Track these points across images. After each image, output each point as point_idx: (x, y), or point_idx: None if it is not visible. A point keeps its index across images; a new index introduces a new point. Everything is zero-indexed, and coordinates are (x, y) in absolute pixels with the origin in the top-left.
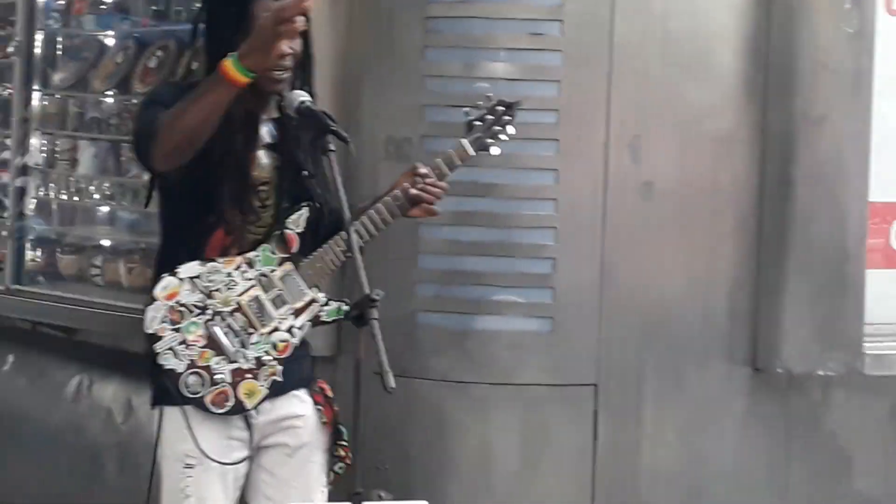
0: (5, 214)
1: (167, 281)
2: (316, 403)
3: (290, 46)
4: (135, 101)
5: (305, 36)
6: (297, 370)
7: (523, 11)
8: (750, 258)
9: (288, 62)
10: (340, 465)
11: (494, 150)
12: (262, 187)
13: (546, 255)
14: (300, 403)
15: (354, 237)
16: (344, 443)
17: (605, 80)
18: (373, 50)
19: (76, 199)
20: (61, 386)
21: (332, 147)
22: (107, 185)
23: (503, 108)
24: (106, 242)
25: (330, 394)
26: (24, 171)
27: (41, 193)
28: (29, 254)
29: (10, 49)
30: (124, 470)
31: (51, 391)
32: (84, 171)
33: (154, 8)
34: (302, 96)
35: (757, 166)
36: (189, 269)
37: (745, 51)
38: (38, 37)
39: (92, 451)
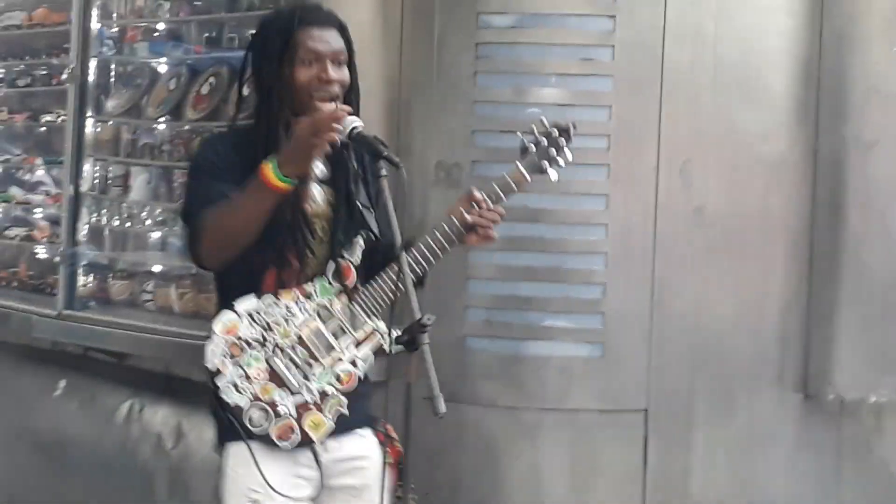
0: (58, 240)
1: (226, 317)
2: (381, 443)
3: (337, 79)
4: (187, 127)
5: (350, 66)
6: (361, 408)
7: (574, 37)
8: (801, 283)
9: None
10: None
11: (552, 175)
12: (316, 220)
13: (596, 281)
14: (366, 443)
15: (405, 261)
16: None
17: (656, 104)
18: (424, 75)
19: (128, 224)
20: (112, 411)
21: (384, 172)
22: (158, 210)
23: (559, 133)
24: (157, 268)
25: (394, 434)
26: (77, 197)
27: (94, 219)
28: (81, 279)
29: (64, 76)
30: (174, 495)
31: (102, 416)
32: (136, 197)
33: (207, 35)
34: (354, 122)
35: (808, 191)
36: (246, 303)
37: (797, 75)
38: (92, 64)
39: (142, 476)
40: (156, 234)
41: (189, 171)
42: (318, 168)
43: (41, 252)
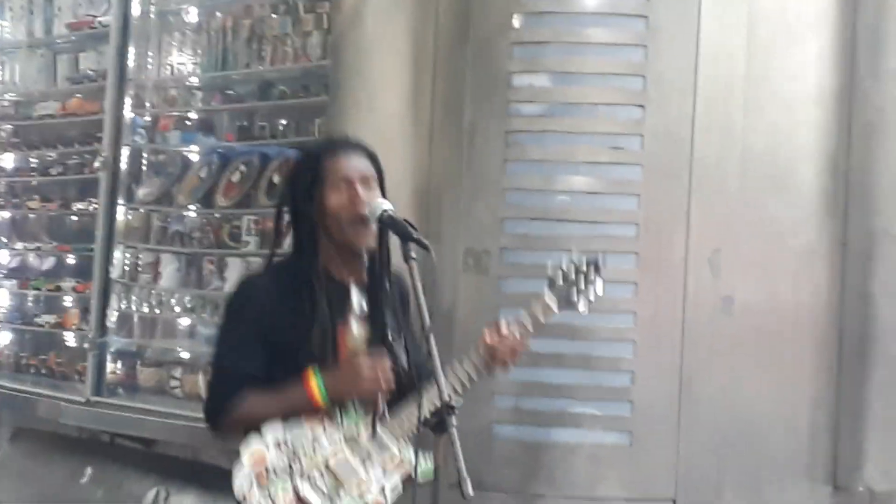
0: (87, 327)
1: (253, 446)
2: None
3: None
4: (217, 214)
5: (382, 190)
6: None
7: (603, 125)
8: (831, 374)
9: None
10: None
11: (582, 308)
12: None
13: (625, 368)
14: None
15: (433, 342)
16: None
17: (685, 194)
18: (454, 163)
19: (157, 311)
20: (139, 498)
21: (413, 255)
22: (188, 298)
23: (587, 265)
24: (185, 355)
25: None
26: (107, 283)
27: (123, 306)
28: (109, 366)
29: (97, 164)
30: None
31: (128, 503)
32: (166, 284)
33: (238, 124)
34: (384, 205)
35: (838, 282)
36: (273, 430)
37: (826, 166)
38: (124, 152)
39: None
40: (185, 321)
41: (224, 316)
42: (358, 304)
43: (70, 339)
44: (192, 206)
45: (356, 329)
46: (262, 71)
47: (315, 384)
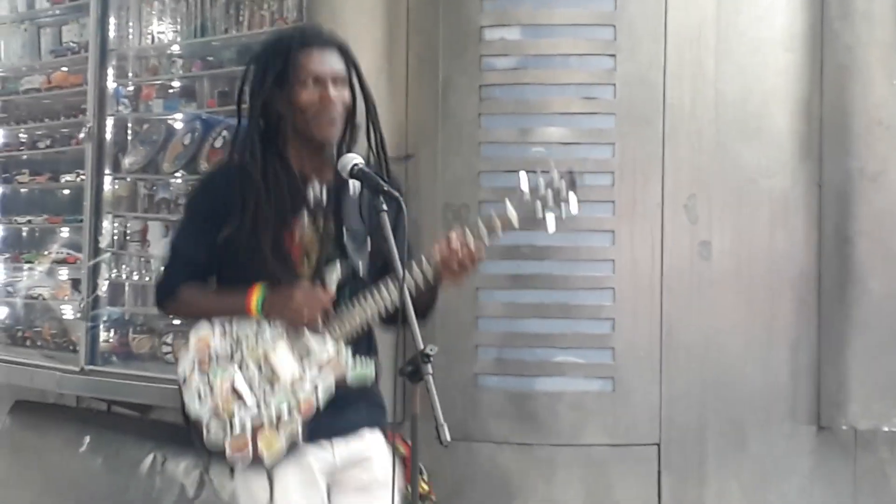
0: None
1: (201, 331)
2: (391, 441)
3: (339, 100)
4: None
5: (361, 84)
6: (368, 409)
7: (576, 76)
8: (810, 315)
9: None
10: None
11: (551, 227)
12: (302, 249)
13: (605, 316)
14: (374, 441)
15: (407, 294)
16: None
17: (658, 141)
18: (430, 119)
19: (147, 279)
20: (136, 464)
21: (384, 207)
22: None
23: (562, 180)
24: (177, 321)
25: (405, 438)
26: (96, 254)
27: (114, 275)
28: (103, 335)
29: (82, 135)
30: None
31: (126, 469)
32: (155, 251)
33: (219, 90)
34: (355, 159)
35: (814, 223)
36: (221, 318)
37: (798, 110)
38: (109, 122)
39: None
40: None
41: (186, 205)
42: (314, 198)
43: (64, 310)
44: (177, 174)
45: (307, 223)
46: (239, 36)
47: (256, 297)
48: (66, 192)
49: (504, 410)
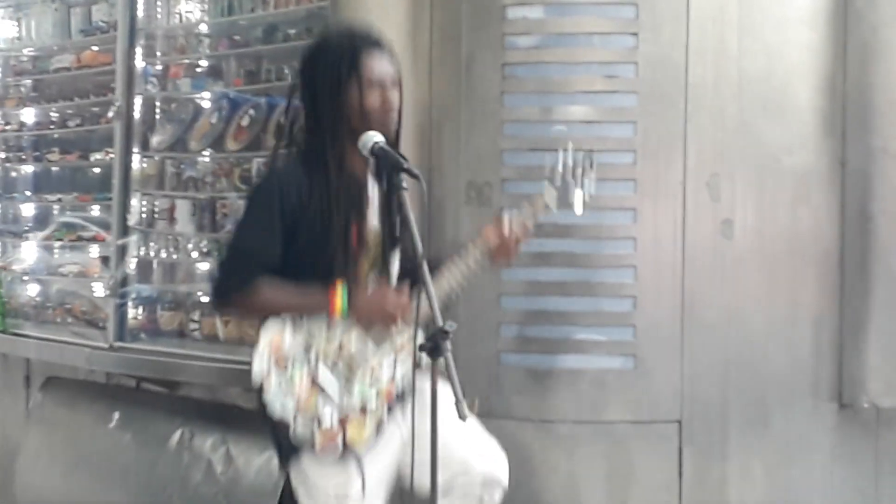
0: (107, 274)
1: (273, 331)
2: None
3: (396, 103)
4: (231, 160)
5: (395, 57)
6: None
7: (598, 55)
8: (833, 293)
9: None
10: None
11: (578, 210)
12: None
13: (627, 294)
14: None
15: (426, 269)
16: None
17: (681, 119)
18: (453, 97)
19: (175, 256)
20: (164, 439)
21: (404, 185)
22: (204, 242)
23: (583, 161)
24: (204, 298)
25: None
26: (125, 231)
27: (142, 253)
28: (131, 311)
29: (111, 114)
30: None
31: (155, 445)
32: (182, 229)
33: (245, 69)
34: (375, 137)
35: (837, 201)
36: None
37: (822, 88)
38: (137, 101)
39: (194, 503)
40: (202, 265)
41: (248, 203)
42: (375, 198)
43: (94, 287)
44: (205, 152)
45: (369, 219)
46: (265, 15)
47: (340, 300)
48: (97, 170)
49: (526, 387)
